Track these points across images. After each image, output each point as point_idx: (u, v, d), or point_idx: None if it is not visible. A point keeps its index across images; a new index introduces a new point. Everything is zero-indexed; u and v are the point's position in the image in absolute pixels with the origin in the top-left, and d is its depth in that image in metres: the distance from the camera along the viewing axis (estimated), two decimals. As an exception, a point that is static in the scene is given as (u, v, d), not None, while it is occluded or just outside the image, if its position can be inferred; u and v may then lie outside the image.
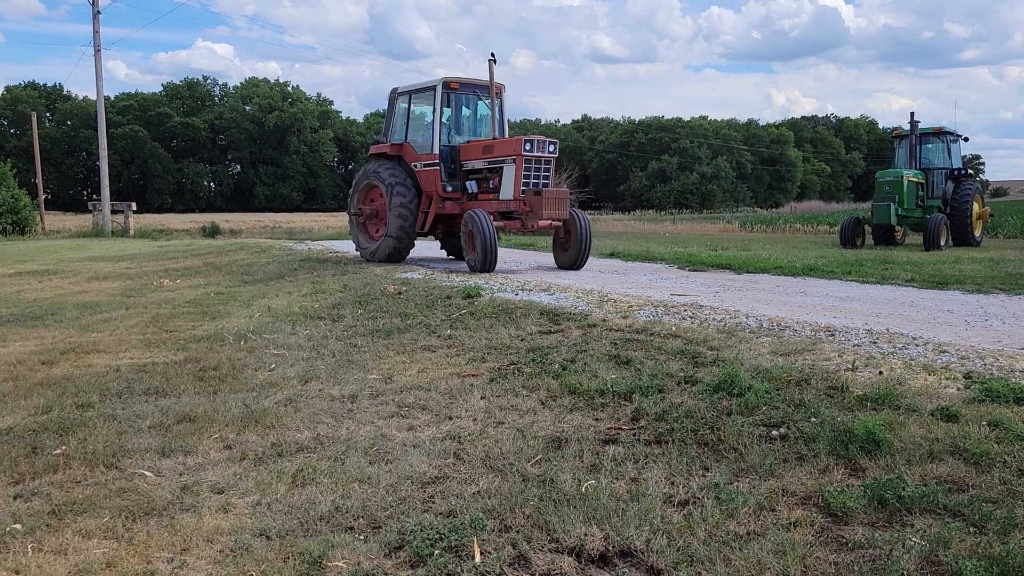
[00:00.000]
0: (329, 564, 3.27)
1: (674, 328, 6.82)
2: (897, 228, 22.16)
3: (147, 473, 4.41)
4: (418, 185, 13.87)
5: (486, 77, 13.58)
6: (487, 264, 12.18)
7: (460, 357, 6.72)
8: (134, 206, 39.20)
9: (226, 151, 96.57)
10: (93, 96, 39.26)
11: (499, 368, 6.20)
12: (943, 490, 3.48)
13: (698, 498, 3.70)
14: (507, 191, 12.81)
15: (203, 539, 3.57)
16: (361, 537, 3.52)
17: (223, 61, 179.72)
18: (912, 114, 22.40)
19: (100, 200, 37.40)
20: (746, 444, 4.22)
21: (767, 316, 7.38)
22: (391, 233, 13.75)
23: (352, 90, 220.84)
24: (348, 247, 20.40)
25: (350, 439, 4.83)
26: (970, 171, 22.88)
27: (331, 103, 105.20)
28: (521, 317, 7.79)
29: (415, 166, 13.99)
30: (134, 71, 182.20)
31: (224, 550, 3.46)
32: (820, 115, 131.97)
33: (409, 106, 14.49)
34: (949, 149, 22.35)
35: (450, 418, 5.15)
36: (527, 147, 12.55)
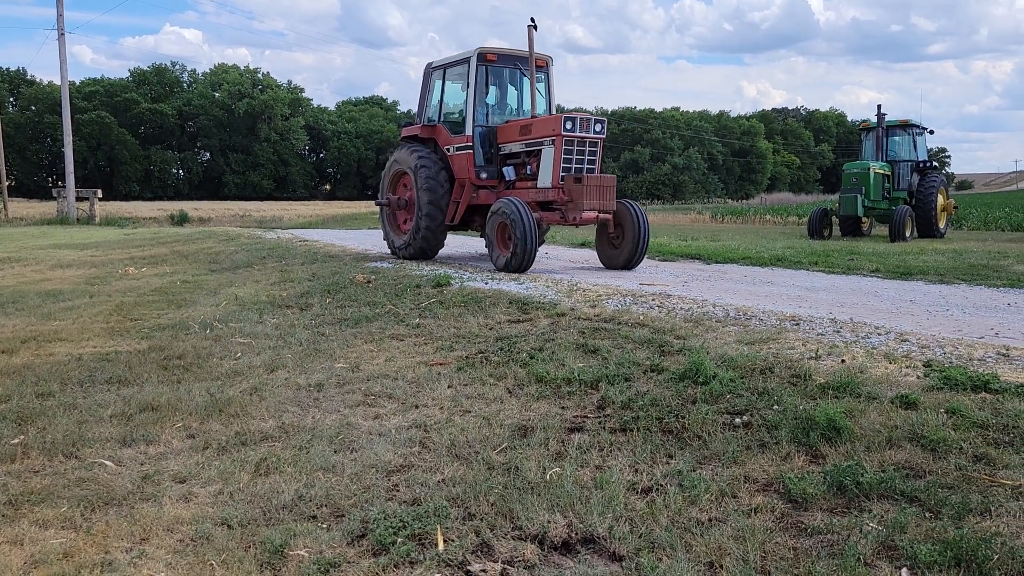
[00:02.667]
0: (291, 553, 3.25)
1: (642, 317, 6.84)
2: (864, 219, 22.43)
3: (107, 463, 4.35)
4: (451, 172, 12.27)
5: (524, 49, 11.75)
6: (524, 262, 10.48)
7: (428, 346, 6.71)
8: (100, 193, 38.65)
9: (195, 138, 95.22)
10: (58, 81, 38.47)
11: (467, 357, 6.19)
12: (901, 476, 3.54)
13: (661, 485, 3.72)
14: (545, 177, 11.12)
15: (163, 529, 3.53)
16: (324, 526, 3.50)
17: (192, 47, 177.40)
18: (879, 107, 22.67)
19: (65, 187, 36.80)
20: (710, 432, 4.26)
21: (734, 305, 7.43)
22: (419, 227, 12.23)
23: (324, 77, 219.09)
24: (319, 236, 20.26)
25: (315, 428, 4.80)
26: (935, 164, 23.19)
27: (302, 91, 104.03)
28: (490, 306, 7.78)
29: (447, 150, 12.38)
30: (100, 56, 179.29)
31: (184, 540, 3.43)
32: (790, 107, 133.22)
33: (443, 82, 12.73)
34: (915, 142, 22.63)
35: (417, 407, 5.14)
36: (567, 126, 10.83)
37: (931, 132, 23.31)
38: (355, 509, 3.63)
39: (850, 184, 21.08)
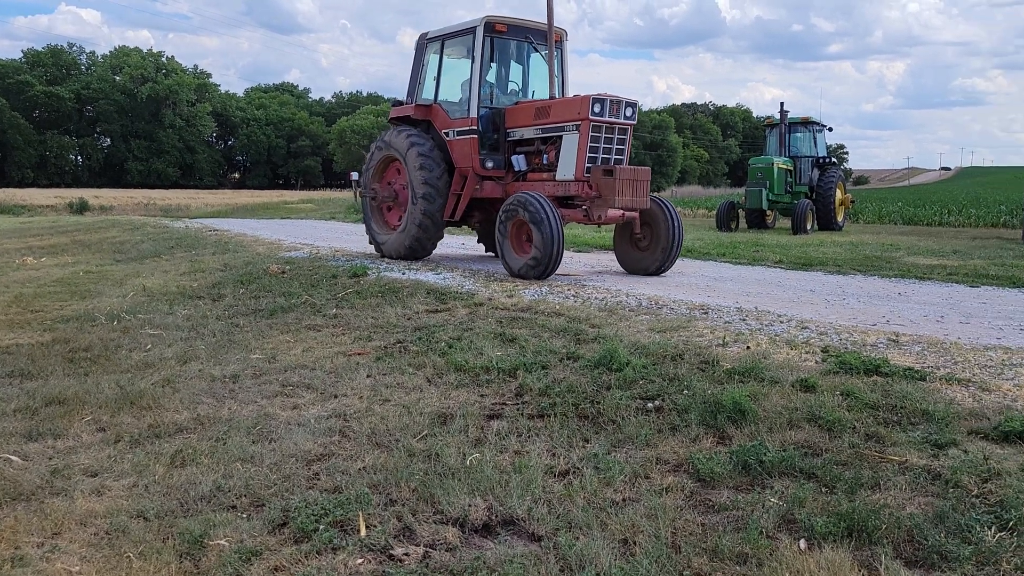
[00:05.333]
0: (211, 543, 3.24)
1: (558, 307, 6.99)
2: (768, 212, 23.25)
3: (13, 457, 4.22)
4: (450, 159, 10.68)
5: (535, 21, 10.49)
6: (549, 267, 9.00)
7: (346, 336, 6.69)
8: (-9, 180, 36.66)
9: (95, 123, 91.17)
10: (-57, 60, 36.31)
11: (385, 347, 6.22)
12: (800, 454, 3.76)
13: (578, 468, 3.85)
14: (567, 168, 9.61)
15: (76, 522, 3.46)
16: (244, 515, 3.50)
17: (90, 28, 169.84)
18: (782, 104, 23.58)
19: (-48, 172, 34.79)
20: (624, 416, 4.41)
21: (646, 295, 7.66)
22: (413, 222, 10.61)
23: (231, 63, 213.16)
24: (229, 226, 19.79)
25: (232, 419, 4.76)
26: (834, 160, 24.19)
27: (209, 76, 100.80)
28: (408, 296, 7.81)
29: (446, 134, 10.73)
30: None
31: (99, 533, 3.38)
32: (699, 102, 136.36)
33: (441, 56, 11.04)
34: (815, 138, 23.56)
35: (335, 396, 5.15)
36: (596, 109, 9.34)
37: (830, 129, 24.31)
38: (276, 498, 3.64)
39: (755, 179, 21.83)
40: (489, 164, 10.35)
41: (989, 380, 4.54)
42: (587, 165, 9.44)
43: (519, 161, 10.39)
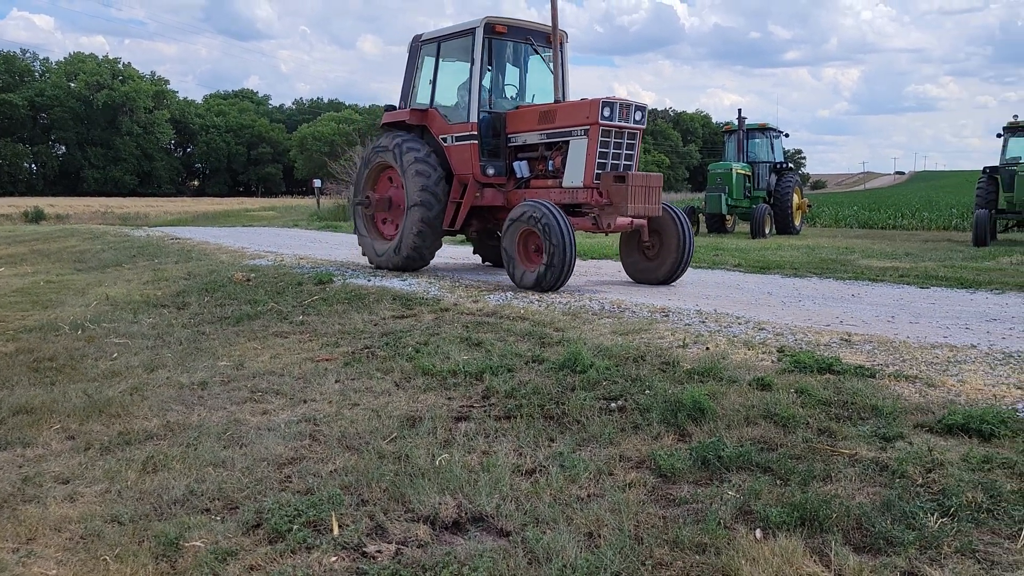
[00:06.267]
0: (186, 545, 3.31)
1: (522, 311, 7.13)
2: (728, 217, 23.67)
3: (-17, 467, 4.23)
4: (448, 166, 10.29)
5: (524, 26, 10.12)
6: (561, 278, 8.62)
7: (313, 342, 6.76)
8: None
9: (49, 131, 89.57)
10: None
11: (353, 352, 6.29)
12: (756, 450, 3.92)
13: (544, 466, 3.98)
14: (575, 175, 9.26)
15: (50, 528, 3.51)
16: (218, 518, 3.57)
17: (43, 34, 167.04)
18: (740, 111, 24.10)
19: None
20: (588, 416, 4.55)
21: (608, 299, 7.83)
22: (410, 231, 10.15)
23: (189, 69, 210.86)
24: (191, 234, 19.65)
25: (202, 425, 4.81)
26: (791, 165, 24.70)
27: (167, 82, 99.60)
28: (374, 302, 7.89)
29: (444, 140, 10.35)
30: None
31: (73, 538, 3.43)
32: (660, 108, 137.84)
33: (437, 59, 10.62)
34: (772, 144, 24.04)
35: (305, 401, 5.22)
36: (606, 113, 9.00)
37: (787, 135, 24.85)
38: (249, 501, 3.71)
39: (715, 184, 22.21)
40: (490, 171, 9.98)
41: (935, 376, 4.75)
42: (596, 171, 9.12)
43: (521, 167, 10.06)
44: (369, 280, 9.36)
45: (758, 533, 3.21)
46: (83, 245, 16.71)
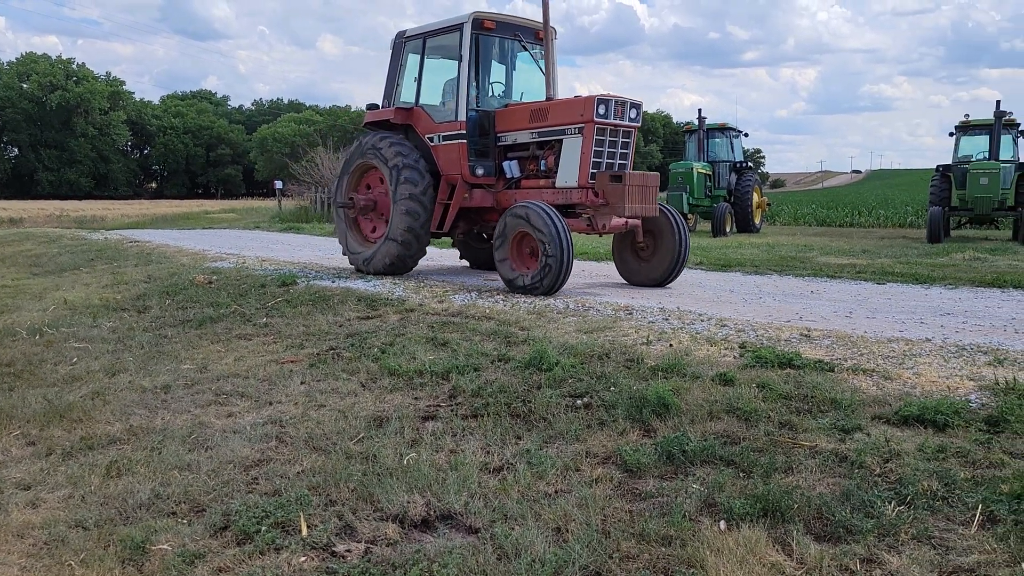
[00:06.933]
0: (153, 548, 3.29)
1: (488, 311, 7.15)
2: (689, 216, 23.91)
3: (-59, 474, 4.16)
4: (434, 167, 9.96)
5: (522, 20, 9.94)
6: (558, 282, 8.34)
7: (278, 344, 6.72)
8: None
9: (1, 133, 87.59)
10: None
11: (318, 354, 6.27)
12: (720, 443, 3.99)
13: (512, 464, 4.01)
14: (569, 174, 8.99)
15: (12, 535, 3.47)
16: (185, 521, 3.55)
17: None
18: (700, 111, 24.36)
19: None
20: (554, 414, 4.59)
21: (573, 297, 7.88)
22: (395, 235, 9.79)
23: (145, 70, 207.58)
24: (150, 236, 19.36)
25: (166, 429, 4.77)
26: (750, 164, 25.05)
27: (122, 83, 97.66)
28: (338, 303, 7.86)
29: (430, 139, 10.01)
30: None
31: (37, 544, 3.39)
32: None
33: (422, 56, 10.26)
34: (732, 144, 24.36)
35: (270, 403, 5.19)
36: (601, 110, 8.76)
37: (746, 135, 25.20)
38: (216, 503, 3.70)
39: (676, 183, 22.44)
40: (479, 171, 9.64)
41: (891, 369, 4.88)
42: (591, 171, 8.87)
43: (511, 167, 9.72)
44: (333, 281, 9.33)
45: (722, 525, 3.28)
46: (39, 249, 16.39)
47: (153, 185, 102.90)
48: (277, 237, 19.75)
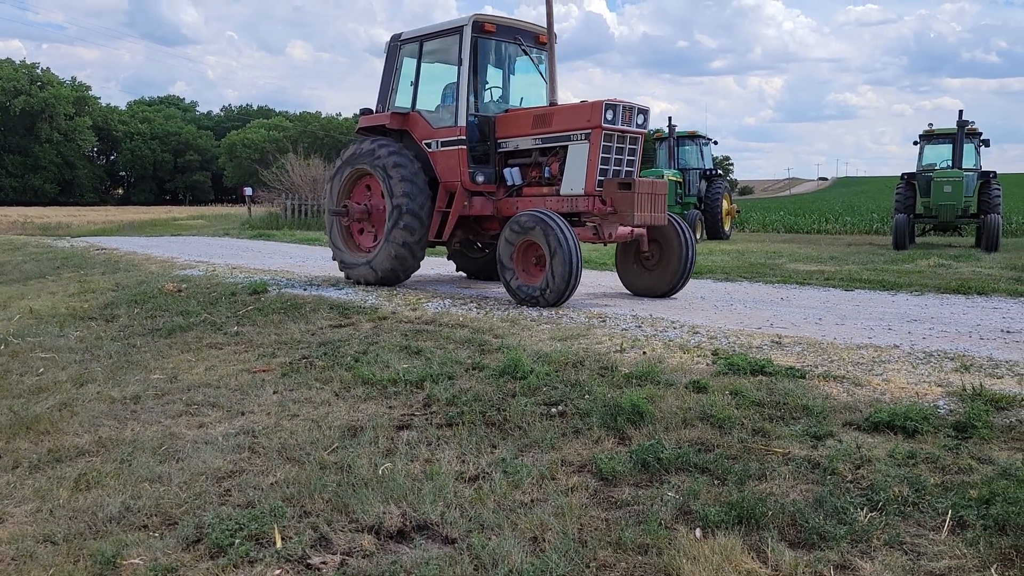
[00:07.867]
0: (124, 563, 3.24)
1: (461, 318, 7.14)
2: (661, 223, 24.09)
3: (-97, 489, 4.06)
4: (432, 174, 9.65)
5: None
6: (565, 293, 8.04)
7: (249, 353, 6.65)
8: None
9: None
10: None
11: (291, 363, 6.22)
12: (694, 451, 4.02)
13: (487, 473, 4.00)
14: (575, 182, 8.67)
15: (-22, 551, 3.39)
16: (156, 534, 3.50)
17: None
18: (670, 118, 24.56)
19: None
20: (529, 422, 4.59)
21: (565, 308, 7.89)
22: (391, 248, 9.45)
23: (112, 75, 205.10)
24: (117, 244, 19.11)
25: (136, 440, 4.70)
26: (719, 171, 25.29)
27: (88, 88, 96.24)
28: (311, 312, 7.81)
29: (428, 145, 9.69)
30: None
31: (4, 559, 3.32)
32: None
33: (419, 59, 9.99)
34: (702, 151, 24.60)
35: (243, 413, 5.14)
36: (609, 116, 8.46)
37: (715, 143, 25.45)
38: (188, 516, 3.65)
39: (647, 190, 22.57)
40: (480, 178, 9.32)
41: (861, 376, 4.94)
42: (599, 178, 8.57)
43: (513, 174, 9.40)
44: (305, 289, 9.26)
45: (698, 532, 3.30)
46: (2, 257, 16.11)
47: (120, 191, 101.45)
48: (247, 244, 19.58)
